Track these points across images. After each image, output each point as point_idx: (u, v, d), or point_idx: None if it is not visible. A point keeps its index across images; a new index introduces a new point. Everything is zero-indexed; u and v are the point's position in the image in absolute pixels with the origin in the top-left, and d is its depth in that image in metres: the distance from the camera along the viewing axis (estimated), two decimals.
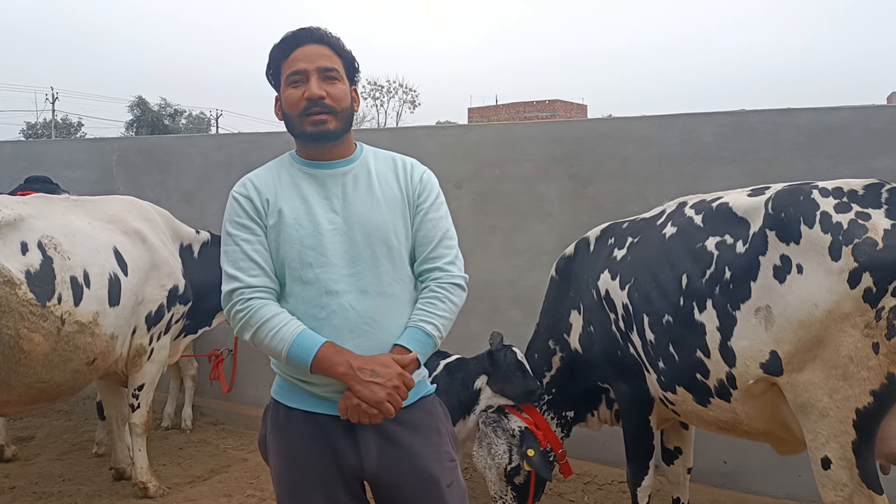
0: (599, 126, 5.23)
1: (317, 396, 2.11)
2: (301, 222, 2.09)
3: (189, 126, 53.27)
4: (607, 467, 4.62)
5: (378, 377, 1.97)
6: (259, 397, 5.87)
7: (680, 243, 2.97)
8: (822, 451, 2.53)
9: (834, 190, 2.57)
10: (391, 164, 2.24)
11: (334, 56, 2.16)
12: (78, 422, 5.84)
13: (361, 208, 2.13)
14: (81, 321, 3.70)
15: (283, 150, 2.25)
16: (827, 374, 2.48)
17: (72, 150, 7.15)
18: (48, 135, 48.84)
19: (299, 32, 2.16)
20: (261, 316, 2.04)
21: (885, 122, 4.02)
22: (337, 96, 2.13)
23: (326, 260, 2.07)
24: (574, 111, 45.15)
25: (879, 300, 2.35)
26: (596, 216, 4.05)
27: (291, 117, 2.15)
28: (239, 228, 2.12)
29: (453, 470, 2.20)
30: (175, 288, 4.35)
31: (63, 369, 3.67)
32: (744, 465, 4.29)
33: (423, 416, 2.18)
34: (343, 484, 2.13)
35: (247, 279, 2.07)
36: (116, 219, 4.17)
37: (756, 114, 4.46)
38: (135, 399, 4.30)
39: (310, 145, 2.18)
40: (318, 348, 2.00)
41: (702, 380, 2.87)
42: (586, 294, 3.44)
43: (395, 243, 2.14)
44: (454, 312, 2.17)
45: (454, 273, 2.18)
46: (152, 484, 4.32)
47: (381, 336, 2.08)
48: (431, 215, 2.20)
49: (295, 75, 2.13)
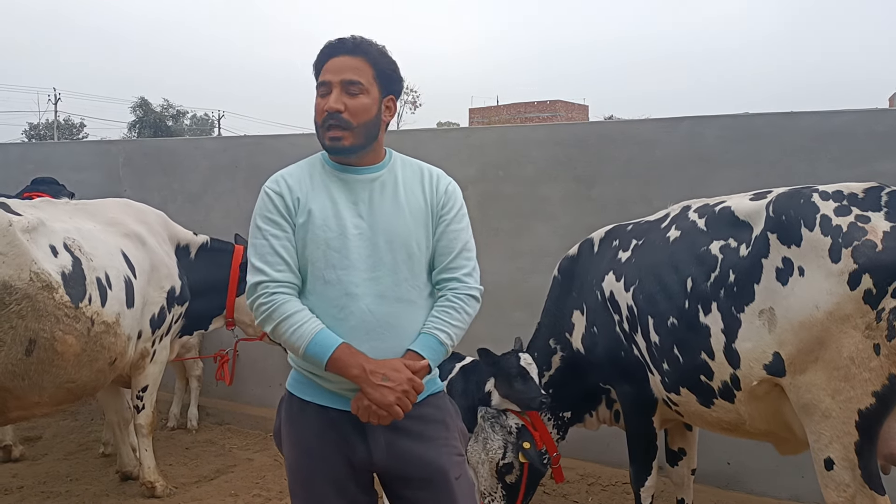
0: (602, 128, 5.25)
1: (330, 392, 2.18)
2: (329, 224, 2.16)
3: (192, 127, 53.39)
4: (611, 468, 4.64)
5: (389, 381, 2.04)
6: (264, 397, 5.90)
7: (684, 247, 3.01)
8: (825, 452, 2.55)
9: (834, 193, 2.60)
10: (418, 174, 2.30)
11: (365, 67, 2.19)
12: (84, 422, 5.87)
13: (386, 215, 2.19)
14: (108, 321, 3.76)
15: (288, 152, 2.28)
16: (829, 376, 2.50)
17: (78, 152, 7.20)
18: (50, 136, 48.98)
19: (333, 43, 2.22)
20: (283, 311, 2.11)
21: (890, 126, 4.04)
22: (355, 110, 2.16)
23: (349, 263, 2.14)
24: (575, 112, 45.15)
25: (879, 301, 2.38)
26: (599, 218, 4.07)
27: (316, 126, 2.23)
28: (269, 223, 2.18)
29: (461, 464, 2.28)
30: (173, 289, 4.37)
31: (90, 369, 3.72)
32: (747, 466, 4.30)
33: (432, 412, 2.25)
34: (353, 476, 2.20)
35: (273, 273, 2.14)
36: (116, 221, 4.20)
37: (759, 117, 4.47)
38: (139, 401, 4.33)
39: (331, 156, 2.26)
40: (335, 349, 2.07)
41: (706, 381, 2.90)
42: (590, 295, 3.46)
43: (416, 251, 2.20)
44: (467, 322, 2.24)
45: (470, 284, 2.24)
46: (160, 483, 4.35)
47: (395, 339, 2.15)
48: (453, 226, 2.25)
49: (322, 86, 2.20)
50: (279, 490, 4.57)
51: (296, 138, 6.16)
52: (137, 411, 4.34)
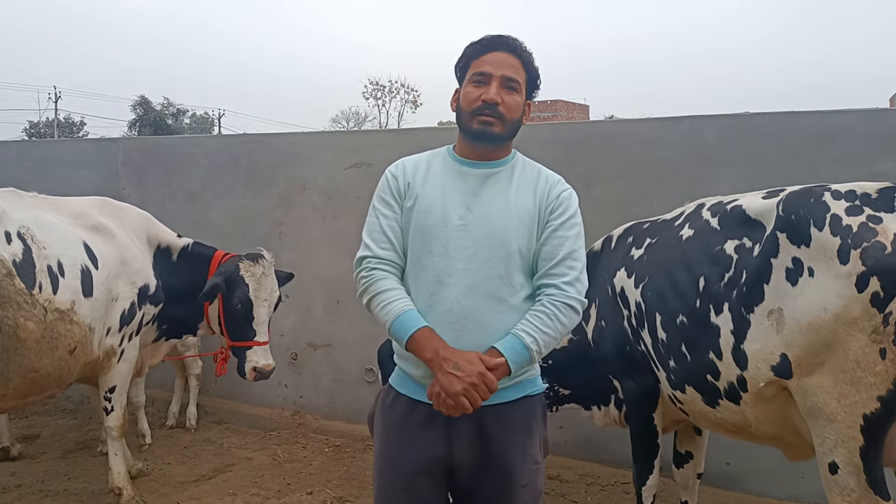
0: (603, 128, 5.24)
1: (423, 386, 2.21)
2: (433, 212, 2.23)
3: (192, 126, 53.30)
4: (610, 468, 4.64)
5: (459, 371, 2.06)
6: (263, 396, 5.89)
7: (697, 246, 3.00)
8: (830, 455, 2.53)
9: (847, 193, 2.57)
10: (534, 176, 2.32)
11: (521, 69, 2.28)
12: (83, 420, 5.85)
13: (491, 211, 2.22)
14: (61, 308, 3.73)
15: (290, 151, 2.26)
16: (835, 379, 2.48)
17: (77, 150, 7.16)
18: (51, 134, 48.89)
19: (497, 38, 2.29)
20: (378, 287, 2.22)
21: (890, 126, 4.03)
22: (511, 106, 2.24)
23: (446, 252, 2.19)
24: (576, 112, 45.20)
25: (887, 305, 2.35)
26: (600, 218, 4.05)
27: (463, 113, 2.28)
28: (382, 203, 2.31)
29: (534, 473, 2.27)
30: (146, 287, 4.28)
31: (51, 356, 3.70)
32: (747, 466, 4.30)
33: (521, 415, 2.26)
34: (426, 471, 2.23)
35: (376, 250, 2.26)
36: (83, 214, 4.16)
37: (760, 116, 4.46)
38: (107, 402, 4.23)
39: (471, 142, 2.29)
40: (417, 330, 2.14)
41: (712, 381, 2.89)
42: (602, 290, 3.49)
43: (514, 250, 2.20)
44: (560, 332, 2.19)
45: (570, 294, 2.19)
46: (126, 491, 4.23)
47: (476, 334, 2.16)
48: (560, 233, 2.24)
49: (479, 76, 2.25)
50: (277, 489, 4.56)
51: (296, 136, 6.15)
52: (106, 413, 4.24)
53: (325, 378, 5.79)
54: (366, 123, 58.60)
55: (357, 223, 2.53)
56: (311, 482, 4.69)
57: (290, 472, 4.87)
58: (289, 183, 5.85)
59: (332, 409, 5.75)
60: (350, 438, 5.40)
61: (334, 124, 58.95)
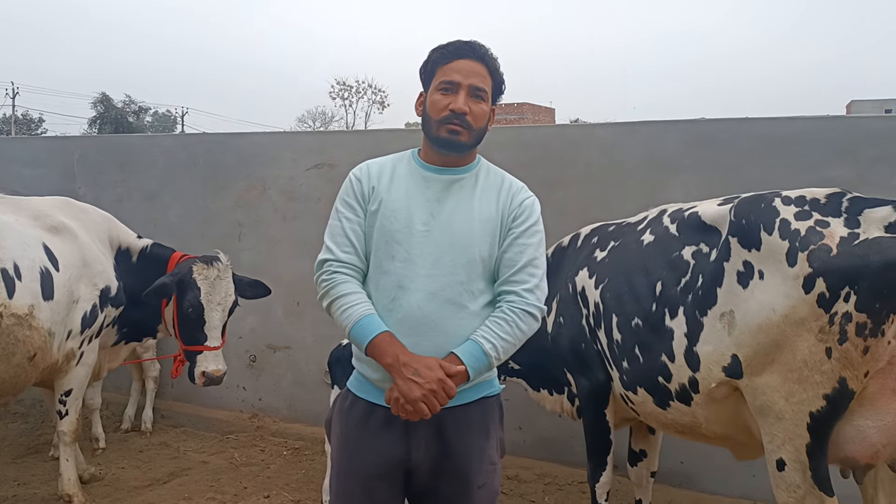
0: (565, 132, 5.28)
1: (380, 390, 2.21)
2: (397, 217, 2.23)
3: (154, 124, 52.52)
4: (568, 468, 4.68)
5: (419, 377, 2.06)
6: (220, 400, 5.82)
7: (657, 251, 3.07)
8: (778, 453, 2.59)
9: (796, 198, 2.65)
10: (498, 182, 2.33)
11: (488, 77, 2.28)
12: (34, 424, 5.72)
13: (455, 217, 2.23)
14: (18, 313, 3.63)
15: (250, 151, 2.25)
16: (784, 378, 2.54)
17: (33, 147, 6.99)
18: (8, 130, 47.77)
19: (464, 45, 2.28)
20: (339, 290, 2.22)
21: (840, 133, 4.14)
22: (478, 115, 2.25)
23: (409, 257, 2.20)
24: (542, 115, 45.49)
25: (832, 305, 2.42)
26: (561, 221, 4.09)
27: (430, 120, 2.27)
28: (345, 206, 2.30)
29: (490, 474, 2.29)
30: (108, 288, 4.21)
31: (7, 363, 3.60)
32: (700, 465, 4.37)
33: (479, 417, 2.28)
34: (385, 475, 2.23)
35: (338, 253, 2.26)
36: (43, 215, 4.06)
37: (717, 122, 4.55)
38: (62, 405, 4.13)
39: (437, 150, 2.28)
40: (377, 335, 2.14)
41: (663, 383, 2.94)
42: (563, 287, 3.54)
43: (476, 256, 2.21)
44: (519, 339, 2.21)
45: (530, 301, 2.21)
46: (77, 498, 4.15)
47: (437, 339, 2.16)
48: (521, 240, 2.25)
49: (447, 84, 2.24)
50: (234, 493, 4.50)
51: (256, 136, 6.09)
52: (60, 417, 4.13)
53: (285, 380, 5.74)
54: (332, 124, 58.37)
55: (318, 224, 2.52)
56: (268, 485, 4.65)
57: (247, 475, 4.82)
58: (249, 183, 5.79)
59: (291, 412, 5.70)
60: (309, 441, 5.36)
61: (300, 124, 58.69)
